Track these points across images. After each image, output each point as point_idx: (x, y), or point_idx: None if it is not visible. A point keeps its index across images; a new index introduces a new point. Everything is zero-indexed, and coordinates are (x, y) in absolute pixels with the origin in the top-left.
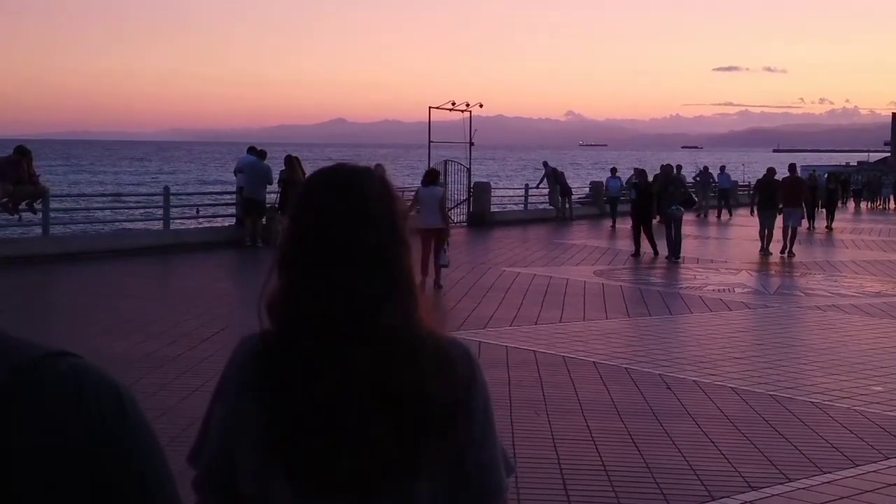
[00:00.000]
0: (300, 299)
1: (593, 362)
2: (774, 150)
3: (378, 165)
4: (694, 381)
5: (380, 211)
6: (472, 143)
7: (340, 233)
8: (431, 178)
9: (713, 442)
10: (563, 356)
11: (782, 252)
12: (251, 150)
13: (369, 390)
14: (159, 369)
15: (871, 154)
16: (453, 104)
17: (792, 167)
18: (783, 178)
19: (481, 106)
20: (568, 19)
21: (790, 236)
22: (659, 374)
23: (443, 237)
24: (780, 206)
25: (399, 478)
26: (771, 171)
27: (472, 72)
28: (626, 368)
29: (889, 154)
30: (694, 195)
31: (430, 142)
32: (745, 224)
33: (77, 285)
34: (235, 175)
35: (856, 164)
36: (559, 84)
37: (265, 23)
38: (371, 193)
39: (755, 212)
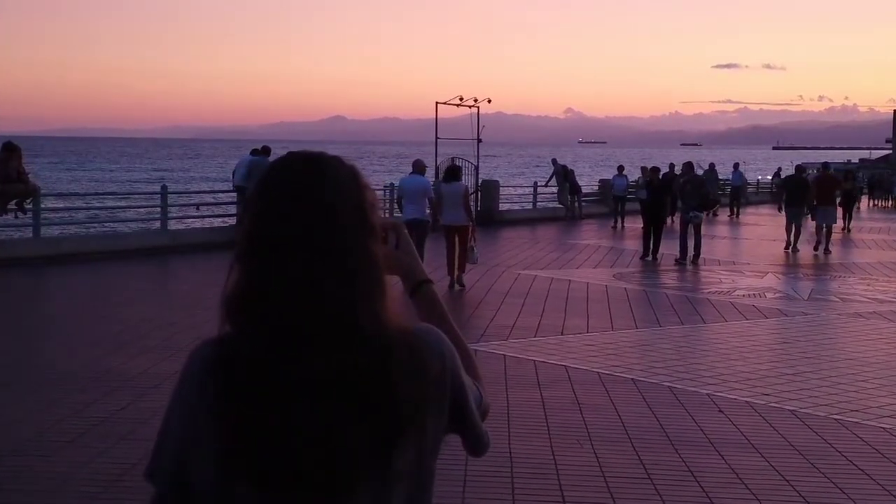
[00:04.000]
0: (260, 299)
1: (632, 379)
2: (774, 148)
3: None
4: (747, 402)
5: (347, 201)
6: (479, 140)
7: (304, 225)
8: (453, 174)
9: (786, 479)
10: (598, 372)
11: (815, 250)
12: (254, 152)
13: (337, 399)
14: (155, 389)
15: (872, 151)
16: (461, 100)
17: (825, 165)
18: (813, 177)
19: (489, 101)
20: (567, 16)
21: (826, 234)
22: (707, 394)
23: (465, 235)
24: (815, 203)
25: (371, 477)
26: (799, 170)
27: (471, 69)
28: (669, 387)
29: (890, 151)
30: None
31: (437, 138)
32: (759, 223)
33: (68, 290)
34: (233, 175)
35: (857, 161)
36: (558, 81)
37: (264, 19)
38: (337, 182)
39: (783, 209)
